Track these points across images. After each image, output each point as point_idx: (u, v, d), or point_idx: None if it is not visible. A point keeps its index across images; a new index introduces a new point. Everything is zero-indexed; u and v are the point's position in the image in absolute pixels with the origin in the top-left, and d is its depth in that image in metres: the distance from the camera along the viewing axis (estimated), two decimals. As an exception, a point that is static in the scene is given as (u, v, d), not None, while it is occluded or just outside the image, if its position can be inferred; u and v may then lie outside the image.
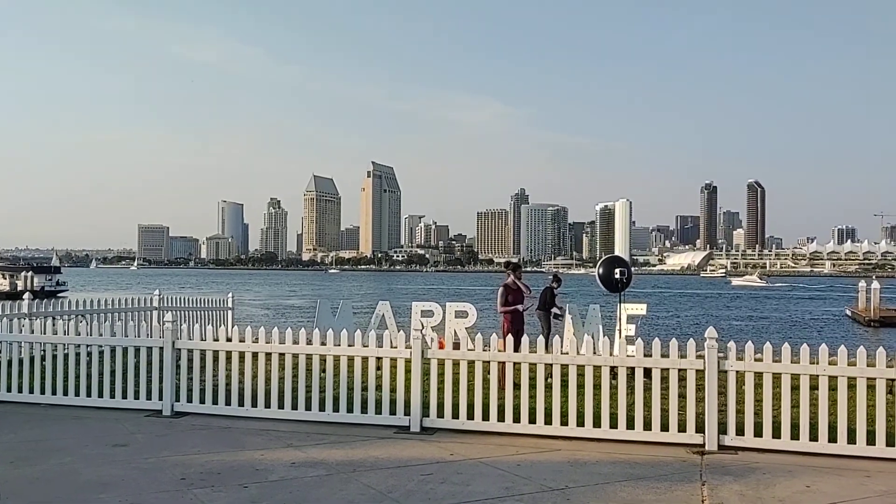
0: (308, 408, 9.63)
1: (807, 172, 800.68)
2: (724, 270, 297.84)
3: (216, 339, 10.16)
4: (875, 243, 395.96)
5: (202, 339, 10.19)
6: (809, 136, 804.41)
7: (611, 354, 8.97)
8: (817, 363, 8.25)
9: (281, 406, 9.74)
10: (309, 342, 9.70)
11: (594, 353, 8.98)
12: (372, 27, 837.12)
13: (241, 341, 10.06)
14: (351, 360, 9.55)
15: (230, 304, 20.35)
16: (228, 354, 10.04)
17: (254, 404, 9.84)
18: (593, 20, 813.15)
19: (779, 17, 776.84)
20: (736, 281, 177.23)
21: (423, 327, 9.45)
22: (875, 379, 8.13)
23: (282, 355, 9.82)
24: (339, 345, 9.59)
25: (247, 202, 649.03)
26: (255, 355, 10.03)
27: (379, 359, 9.53)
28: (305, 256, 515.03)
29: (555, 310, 15.93)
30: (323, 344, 9.65)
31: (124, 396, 10.35)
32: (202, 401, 10.03)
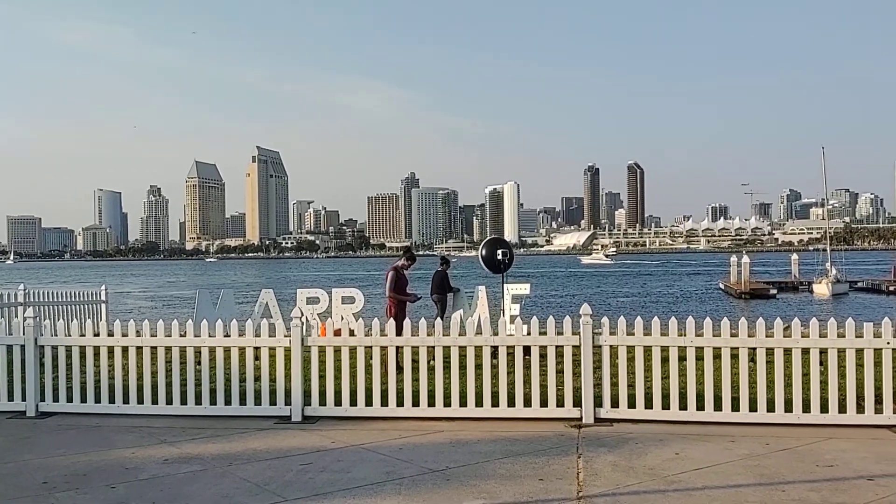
0: (184, 402, 9.28)
1: (682, 153, 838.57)
2: (614, 250, 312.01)
3: (83, 335, 9.64)
4: (746, 220, 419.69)
5: (67, 335, 9.63)
6: (684, 118, 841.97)
7: (492, 334, 9.05)
8: (685, 335, 8.60)
9: (155, 401, 9.35)
10: (183, 334, 9.33)
11: (475, 333, 9.05)
12: (251, 6, 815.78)
13: (110, 335, 9.59)
14: (228, 350, 9.25)
15: (104, 297, 19.42)
16: (97, 350, 9.56)
17: (125, 401, 9.40)
18: (481, 5, 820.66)
19: (653, 3, 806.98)
20: (585, 259, 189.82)
21: (302, 314, 9.22)
22: (738, 348, 8.54)
23: (154, 349, 9.41)
24: (215, 335, 9.27)
25: (125, 190, 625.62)
26: (125, 350, 9.56)
27: (257, 348, 9.29)
28: (189, 245, 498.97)
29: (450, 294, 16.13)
30: (197, 335, 9.31)
31: (-17, 399, 9.68)
32: (70, 399, 9.51)
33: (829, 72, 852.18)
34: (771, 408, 8.38)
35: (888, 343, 8.29)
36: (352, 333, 9.20)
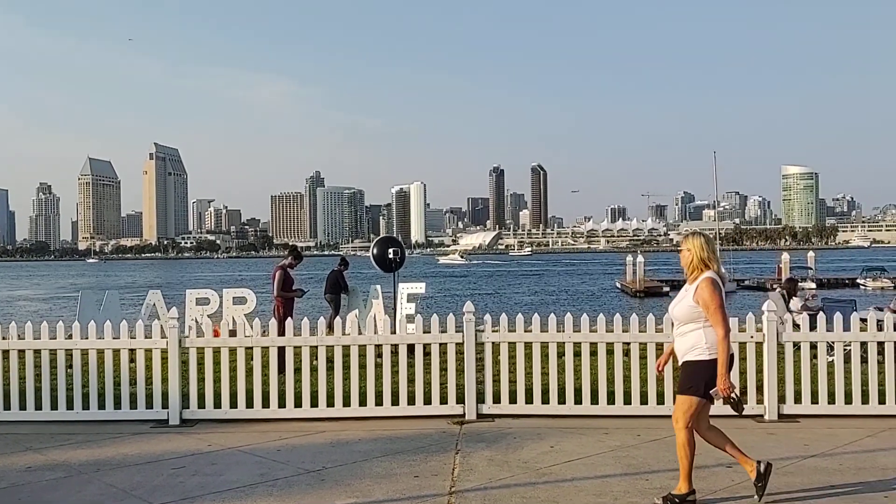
0: (54, 407, 8.89)
1: (583, 156, 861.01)
2: (529, 249, 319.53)
3: (-57, 339, 9.09)
4: (643, 221, 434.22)
5: (-75, 340, 9.07)
6: (584, 122, 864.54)
7: (375, 333, 9.04)
8: (564, 332, 8.82)
9: (23, 407, 8.91)
10: (53, 337, 8.93)
11: (359, 332, 9.03)
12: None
13: (-27, 339, 9.08)
14: (101, 353, 8.91)
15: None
16: (-42, 354, 9.02)
17: (-10, 407, 8.92)
18: (383, 10, 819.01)
19: (549, 10, 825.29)
20: (442, 259, 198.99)
21: (178, 316, 8.96)
22: (613, 343, 8.82)
23: (22, 352, 8.96)
24: (88, 337, 8.91)
25: (12, 188, 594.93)
26: (-11, 354, 9.06)
27: (133, 350, 8.98)
28: (82, 245, 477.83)
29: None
30: (69, 337, 8.93)
31: None
32: (-72, 408, 8.95)
33: (720, 78, 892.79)
34: (644, 400, 8.69)
35: (752, 337, 8.73)
36: (232, 333, 9.02)
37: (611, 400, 8.70)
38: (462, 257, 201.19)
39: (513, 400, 8.76)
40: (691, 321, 5.74)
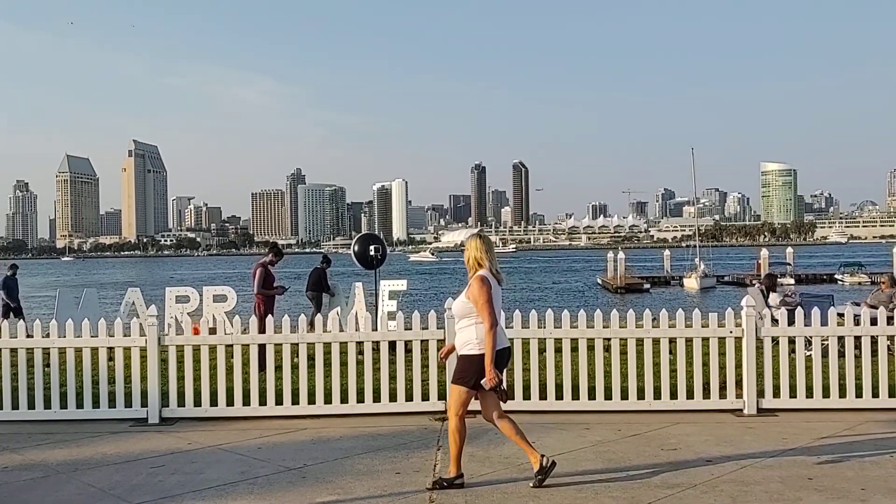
0: (31, 406, 8.79)
1: (564, 153, 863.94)
2: (513, 246, 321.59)
3: (-83, 338, 8.95)
4: (624, 217, 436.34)
5: None
6: (565, 120, 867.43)
7: (356, 330, 9.02)
8: (545, 328, 8.84)
9: (-1, 407, 8.82)
10: (30, 335, 8.83)
11: (340, 329, 9.00)
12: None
13: (-52, 338, 8.94)
14: (79, 351, 8.82)
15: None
16: (-67, 354, 8.89)
17: (-34, 408, 8.81)
18: (366, 8, 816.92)
19: (533, 8, 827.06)
20: (413, 257, 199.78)
21: (157, 313, 8.89)
22: (594, 339, 8.85)
23: (-3, 351, 8.85)
24: (66, 336, 8.82)
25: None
26: (-36, 353, 8.95)
27: (111, 349, 8.90)
28: (60, 243, 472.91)
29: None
30: (46, 336, 8.83)
31: None
32: None
33: (699, 75, 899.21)
34: (625, 396, 8.73)
35: (731, 332, 8.79)
36: (212, 331, 8.97)
37: (592, 395, 8.73)
38: (433, 255, 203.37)
39: (494, 396, 8.74)
40: (465, 316, 6.03)
